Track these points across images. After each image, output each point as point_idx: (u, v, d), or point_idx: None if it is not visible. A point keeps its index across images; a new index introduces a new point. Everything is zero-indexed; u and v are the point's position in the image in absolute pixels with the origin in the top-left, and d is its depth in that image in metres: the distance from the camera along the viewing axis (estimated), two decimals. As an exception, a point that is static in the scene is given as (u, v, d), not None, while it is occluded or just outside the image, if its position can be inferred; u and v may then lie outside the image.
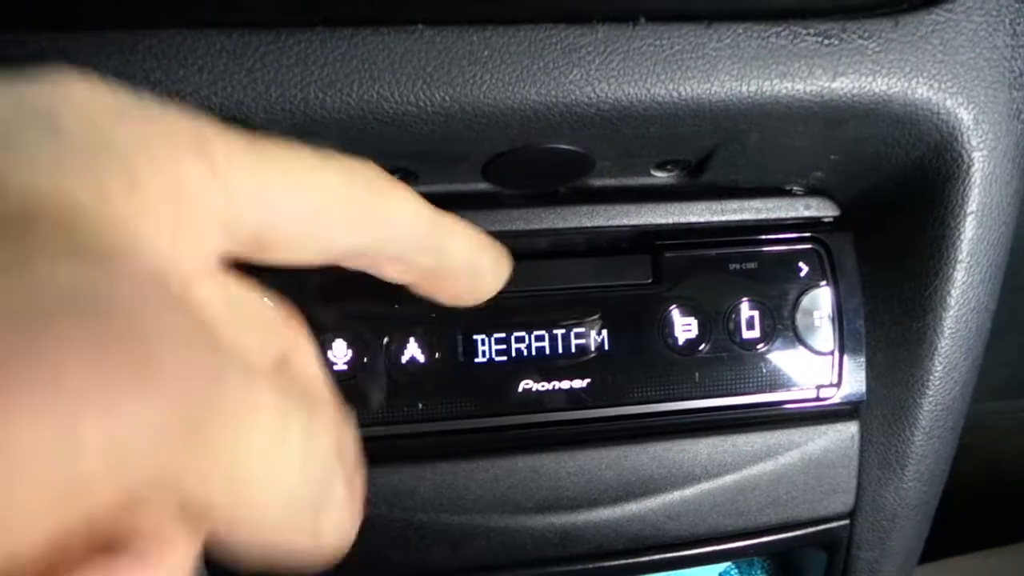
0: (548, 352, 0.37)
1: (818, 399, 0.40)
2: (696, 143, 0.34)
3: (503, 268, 0.25)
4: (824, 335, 0.39)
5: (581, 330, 0.37)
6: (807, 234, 0.40)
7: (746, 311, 0.39)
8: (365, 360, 0.36)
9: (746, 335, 0.39)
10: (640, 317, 0.38)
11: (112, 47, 0.27)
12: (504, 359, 0.37)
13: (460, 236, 0.23)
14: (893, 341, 0.39)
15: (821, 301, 0.39)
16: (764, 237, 0.40)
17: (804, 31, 0.31)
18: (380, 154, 0.26)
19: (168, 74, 0.27)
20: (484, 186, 0.37)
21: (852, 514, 0.41)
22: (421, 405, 0.36)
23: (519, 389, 0.37)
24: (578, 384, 0.37)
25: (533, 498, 0.37)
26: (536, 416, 0.37)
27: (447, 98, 0.29)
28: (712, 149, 0.35)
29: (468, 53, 0.29)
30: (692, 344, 0.38)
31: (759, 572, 0.50)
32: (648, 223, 0.39)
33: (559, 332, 0.37)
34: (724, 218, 0.39)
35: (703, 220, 0.39)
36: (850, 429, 0.40)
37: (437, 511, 0.37)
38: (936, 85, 0.33)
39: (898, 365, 0.39)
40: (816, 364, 0.39)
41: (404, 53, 0.29)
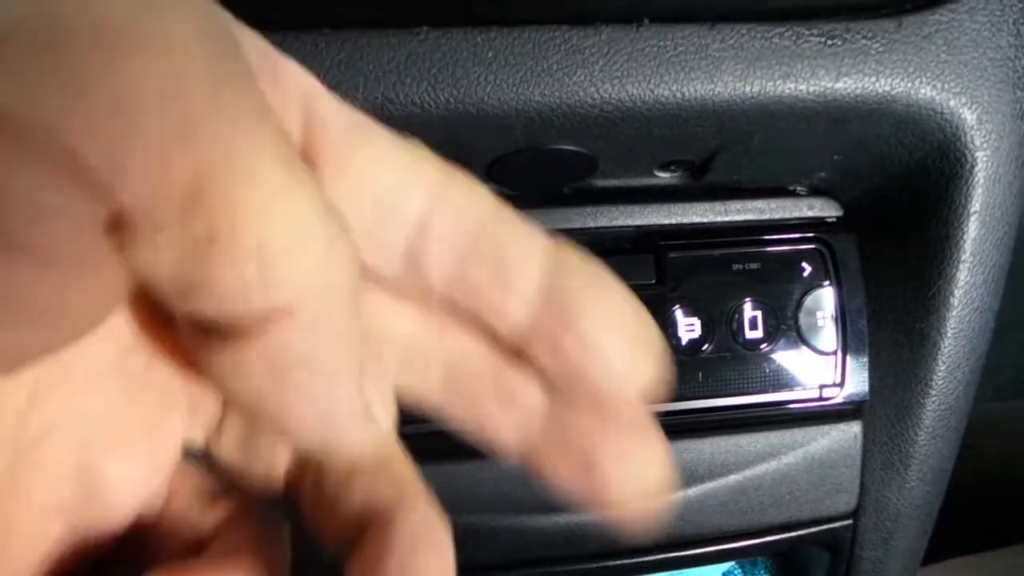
0: (552, 352, 0.37)
1: (821, 399, 0.40)
2: (700, 144, 0.34)
3: None
4: (827, 335, 0.39)
5: (585, 330, 0.37)
6: (810, 234, 0.40)
7: (749, 311, 0.39)
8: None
9: (749, 335, 0.39)
10: (644, 317, 0.38)
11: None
12: (508, 359, 0.37)
13: None
14: (896, 341, 0.39)
15: (824, 301, 0.39)
16: (767, 237, 0.40)
17: (807, 32, 0.31)
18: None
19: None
20: (488, 187, 0.37)
21: (855, 514, 0.41)
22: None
23: (523, 389, 0.37)
24: (582, 384, 0.37)
25: (536, 498, 0.37)
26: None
27: (451, 99, 0.29)
28: (716, 150, 0.35)
29: (472, 55, 0.29)
30: (696, 344, 0.38)
31: (762, 572, 0.50)
32: (651, 224, 0.39)
33: (563, 332, 0.37)
34: (727, 218, 0.40)
35: (706, 220, 0.39)
36: (853, 429, 0.40)
37: (442, 511, 0.37)
38: (939, 85, 0.33)
39: (901, 365, 0.39)
40: (819, 364, 0.39)
41: (408, 55, 0.29)
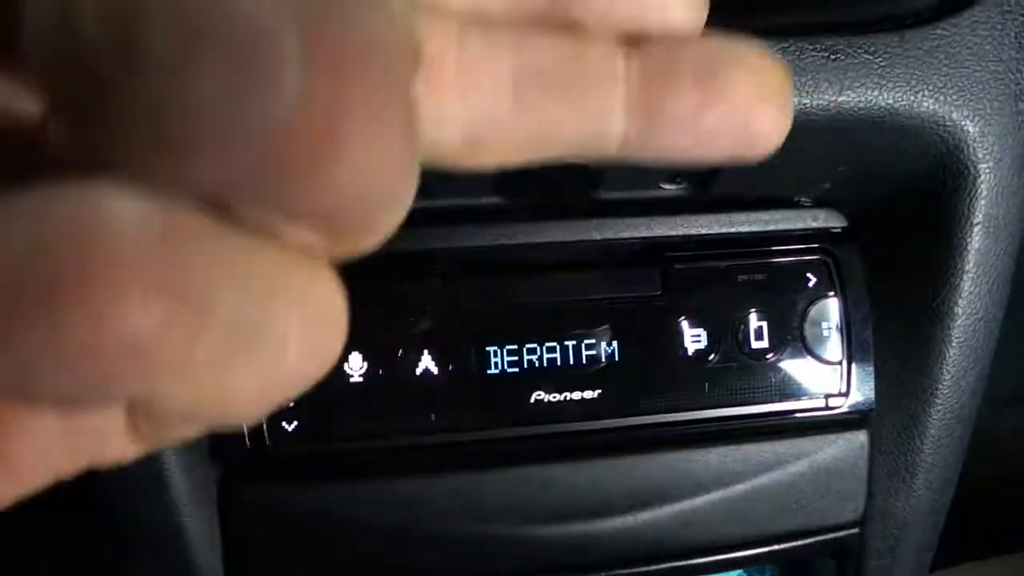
0: (560, 363, 0.38)
1: (827, 408, 0.40)
2: (704, 157, 0.35)
3: None
4: (832, 345, 0.39)
5: (592, 341, 0.38)
6: (815, 245, 0.40)
7: (755, 322, 0.39)
8: (379, 372, 0.36)
9: (755, 345, 0.39)
10: (650, 328, 0.38)
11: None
12: (516, 371, 0.37)
13: None
14: (901, 351, 0.39)
15: (829, 311, 0.40)
16: (772, 248, 0.40)
17: (810, 47, 0.32)
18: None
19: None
20: (495, 199, 0.37)
21: (862, 522, 0.41)
22: (434, 417, 0.37)
23: (531, 400, 0.37)
24: (589, 395, 0.38)
25: (546, 508, 0.38)
26: (548, 427, 0.38)
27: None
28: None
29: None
30: (702, 355, 0.38)
31: (769, 580, 0.50)
32: (657, 235, 0.39)
33: (570, 344, 0.38)
34: (732, 230, 0.40)
35: (712, 232, 0.40)
36: (859, 438, 0.40)
37: (450, 522, 0.37)
38: (942, 98, 0.33)
39: (906, 374, 0.39)
40: (825, 374, 0.40)
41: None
